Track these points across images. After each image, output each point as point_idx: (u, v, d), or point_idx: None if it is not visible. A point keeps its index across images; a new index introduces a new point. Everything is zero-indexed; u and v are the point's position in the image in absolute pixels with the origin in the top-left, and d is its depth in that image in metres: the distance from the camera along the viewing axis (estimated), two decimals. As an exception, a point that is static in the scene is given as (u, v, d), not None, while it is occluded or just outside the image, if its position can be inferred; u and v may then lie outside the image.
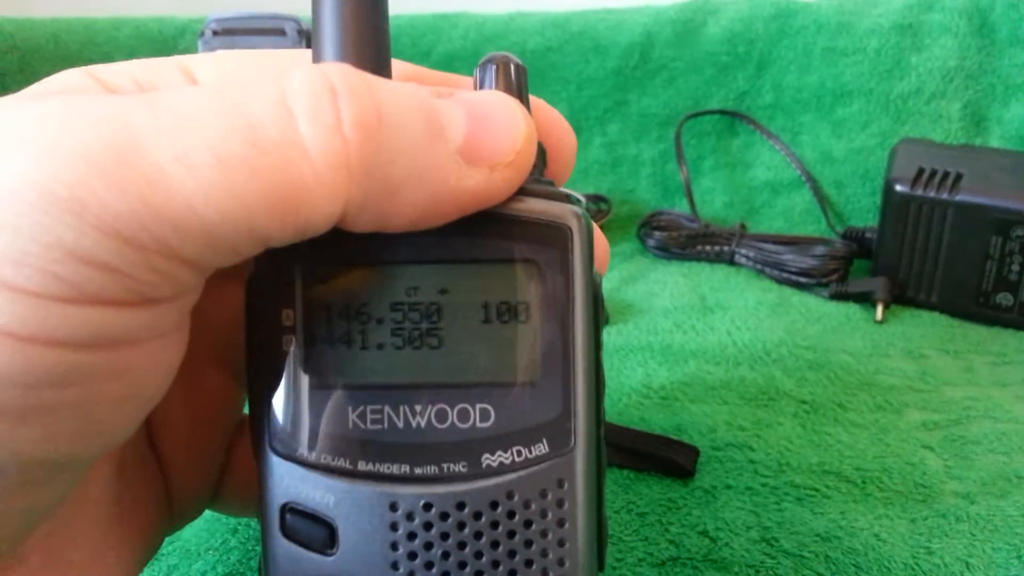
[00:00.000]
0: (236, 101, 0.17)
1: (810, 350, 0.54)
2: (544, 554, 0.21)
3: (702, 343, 0.55)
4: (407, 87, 0.19)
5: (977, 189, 0.57)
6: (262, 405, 0.21)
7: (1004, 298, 0.57)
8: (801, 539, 0.37)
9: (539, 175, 0.23)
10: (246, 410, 0.24)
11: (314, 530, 0.21)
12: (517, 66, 0.23)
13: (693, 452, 0.42)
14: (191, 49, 0.77)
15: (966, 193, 0.57)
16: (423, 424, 0.21)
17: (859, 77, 0.72)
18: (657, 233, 0.68)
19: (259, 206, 0.17)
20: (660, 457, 0.41)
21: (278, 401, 0.21)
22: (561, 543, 0.21)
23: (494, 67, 0.23)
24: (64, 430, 0.18)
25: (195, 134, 0.17)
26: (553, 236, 0.21)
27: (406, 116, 0.18)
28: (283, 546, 0.21)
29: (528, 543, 0.21)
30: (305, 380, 0.21)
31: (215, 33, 0.74)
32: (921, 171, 0.58)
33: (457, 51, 0.78)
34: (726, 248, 0.66)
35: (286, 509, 0.21)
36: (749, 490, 0.40)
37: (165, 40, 0.80)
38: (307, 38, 0.73)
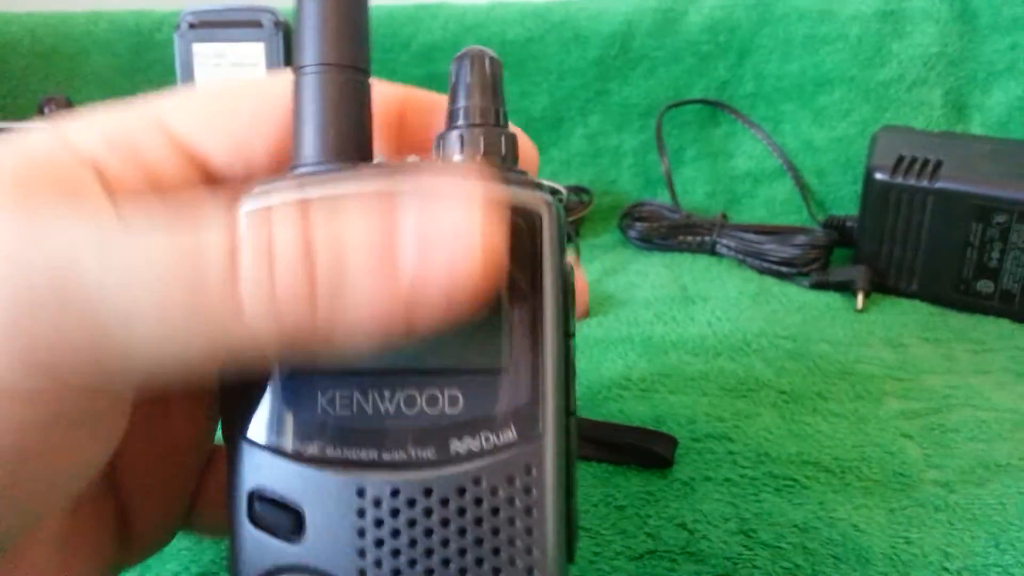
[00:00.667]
0: (187, 251, 0.17)
1: (790, 340, 0.53)
2: (511, 542, 0.21)
3: (682, 334, 0.55)
4: (359, 215, 0.18)
5: (957, 176, 0.56)
6: (232, 392, 0.21)
7: (985, 285, 0.57)
8: (779, 530, 0.37)
9: (511, 164, 0.23)
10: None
11: (281, 517, 0.21)
12: (492, 59, 0.24)
13: (671, 442, 0.41)
14: (168, 42, 0.76)
15: (946, 180, 0.56)
16: (391, 410, 0.21)
17: (840, 65, 0.72)
18: (639, 224, 0.68)
19: (197, 353, 0.17)
20: (638, 448, 0.41)
21: (247, 388, 0.21)
22: (528, 531, 0.21)
23: (469, 61, 0.23)
24: None
25: (142, 291, 0.17)
26: (523, 222, 0.21)
27: (354, 267, 0.18)
28: (250, 533, 0.21)
29: (495, 531, 0.21)
30: (275, 367, 0.21)
31: (191, 26, 0.73)
32: (901, 158, 0.58)
33: (437, 42, 0.78)
34: (707, 238, 0.66)
35: (254, 496, 0.21)
36: (728, 481, 0.40)
37: (142, 34, 0.79)
38: (284, 30, 0.72)
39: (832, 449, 0.43)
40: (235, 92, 0.25)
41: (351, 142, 0.22)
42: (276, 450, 0.21)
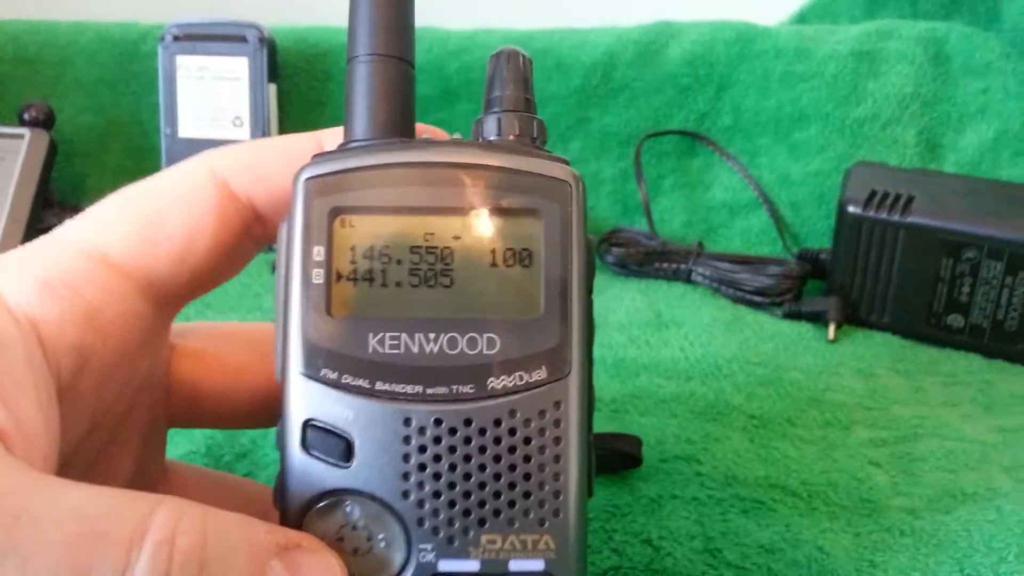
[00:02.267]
0: (79, 563, 0.18)
1: (761, 366, 0.54)
2: (541, 468, 0.23)
3: (655, 357, 0.55)
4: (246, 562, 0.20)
5: (928, 211, 0.57)
6: (290, 330, 0.24)
7: (955, 320, 0.58)
8: (745, 550, 0.37)
9: (541, 145, 0.26)
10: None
11: (332, 444, 0.23)
12: (524, 57, 0.27)
13: (636, 440, 0.41)
14: (152, 54, 0.76)
15: (917, 215, 0.57)
16: (435, 351, 0.23)
17: (816, 102, 0.73)
18: (616, 249, 0.68)
19: None
20: (605, 450, 0.40)
21: (305, 327, 0.23)
22: (557, 459, 0.24)
23: (505, 57, 0.27)
24: None
25: None
26: (555, 190, 0.24)
27: None
28: (302, 459, 0.23)
29: (527, 458, 0.23)
30: (331, 309, 0.24)
31: (176, 38, 0.74)
32: (874, 193, 0.59)
33: (422, 64, 0.77)
34: (683, 266, 0.67)
35: (307, 424, 0.23)
36: (695, 500, 0.40)
37: (127, 45, 0.79)
38: (268, 46, 0.73)
39: (800, 474, 0.43)
40: (160, 202, 0.26)
41: (398, 122, 0.26)
42: (330, 383, 0.23)
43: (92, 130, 0.79)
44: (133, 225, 0.25)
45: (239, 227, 0.26)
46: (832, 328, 0.59)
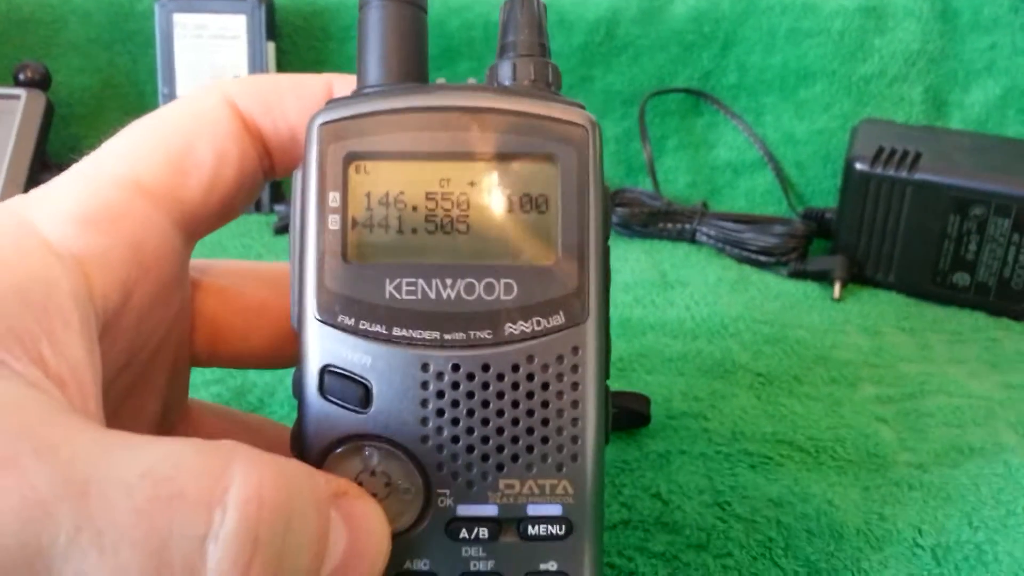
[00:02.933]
0: (157, 530, 0.17)
1: (767, 325, 0.53)
2: (559, 414, 0.23)
3: (661, 317, 0.54)
4: (313, 522, 0.19)
5: (936, 168, 0.57)
6: (306, 276, 0.23)
7: (961, 278, 0.58)
8: (754, 504, 0.37)
9: (556, 90, 0.26)
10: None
11: (350, 389, 0.23)
12: (539, 2, 0.27)
13: (644, 399, 0.41)
14: (148, 13, 0.75)
15: (925, 172, 0.57)
16: (452, 296, 0.23)
17: (822, 58, 0.72)
18: (620, 210, 0.68)
19: None
20: (614, 408, 0.41)
21: (322, 273, 0.23)
22: (575, 404, 0.23)
23: (519, 2, 0.26)
24: None
25: (107, 559, 0.16)
26: (571, 135, 0.24)
27: (301, 557, 0.19)
28: (320, 405, 0.23)
29: (545, 403, 0.23)
30: (347, 255, 0.23)
31: (172, -3, 0.72)
32: (881, 150, 0.58)
33: (421, 23, 0.77)
34: (688, 226, 0.66)
35: (325, 370, 0.23)
36: (703, 456, 0.40)
37: (122, 3, 0.77)
38: (266, 3, 0.72)
39: (807, 430, 0.43)
40: (185, 131, 0.25)
41: (411, 67, 0.25)
42: (347, 329, 0.23)
43: (88, 91, 0.77)
44: (163, 156, 0.24)
45: (255, 156, 0.26)
46: (838, 287, 0.59)
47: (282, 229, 0.68)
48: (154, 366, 0.27)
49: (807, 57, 0.72)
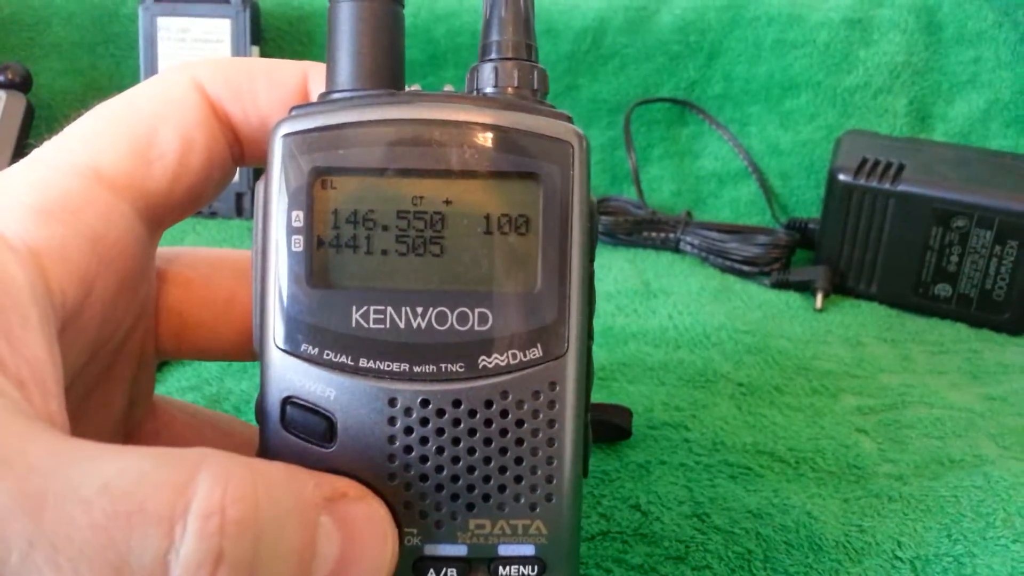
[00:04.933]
0: (116, 546, 0.16)
1: (749, 335, 0.53)
2: (534, 452, 0.22)
3: (643, 326, 0.54)
4: (292, 517, 0.18)
5: (919, 180, 0.57)
6: (267, 302, 0.22)
7: (943, 289, 0.58)
8: (733, 515, 0.37)
9: (542, 97, 0.24)
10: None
11: (313, 422, 0.22)
12: None
13: (627, 412, 0.41)
14: (132, 16, 0.74)
15: (908, 184, 0.57)
16: (423, 326, 0.22)
17: (808, 70, 0.73)
18: (604, 218, 0.68)
19: None
20: (595, 422, 0.40)
21: (284, 298, 0.22)
22: (551, 442, 0.22)
23: None
24: None
25: (68, 568, 0.16)
26: (555, 152, 0.22)
27: (279, 567, 0.18)
28: (282, 438, 0.22)
29: (519, 441, 0.22)
30: (311, 280, 0.22)
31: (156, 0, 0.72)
32: (864, 161, 0.59)
33: (408, 28, 0.77)
34: (672, 235, 0.66)
35: (287, 402, 0.22)
36: (683, 466, 0.40)
37: (105, 6, 0.77)
38: (251, 7, 0.71)
39: (787, 440, 0.43)
40: (149, 118, 0.24)
41: (385, 69, 0.23)
42: (311, 359, 0.22)
43: (70, 94, 0.77)
44: (126, 143, 0.23)
45: (224, 143, 0.25)
46: (820, 297, 0.59)
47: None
48: (119, 360, 0.26)
49: (792, 68, 0.73)
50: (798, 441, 0.43)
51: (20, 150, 0.68)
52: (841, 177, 0.59)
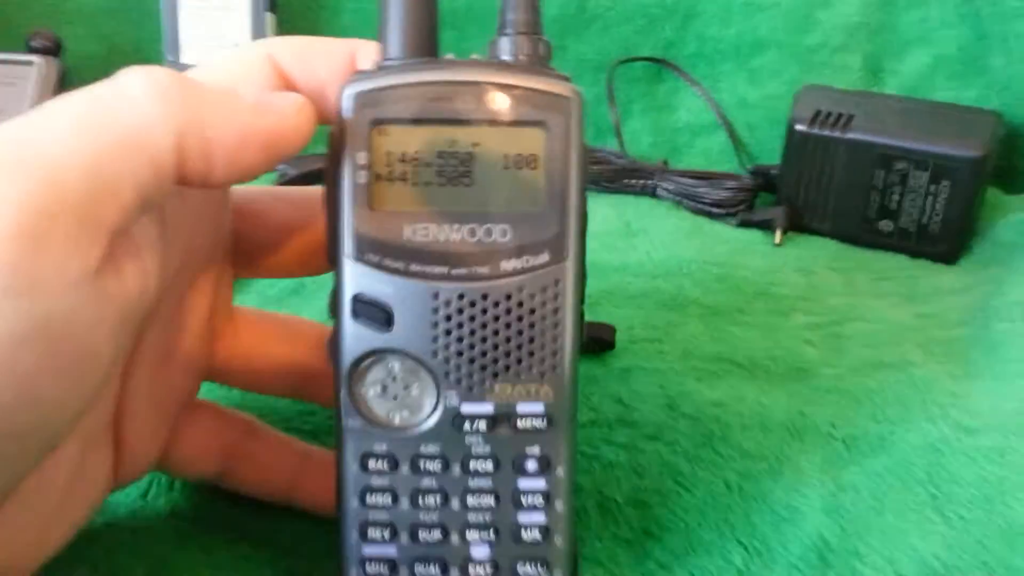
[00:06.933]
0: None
1: (717, 266, 0.60)
2: (543, 333, 0.29)
3: (625, 260, 0.61)
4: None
5: (866, 128, 0.64)
6: (339, 222, 0.28)
7: (886, 225, 0.65)
8: (698, 406, 0.44)
9: (546, 63, 0.30)
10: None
11: (376, 313, 0.28)
12: None
13: (611, 329, 0.48)
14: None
15: (856, 132, 0.64)
16: (458, 239, 0.28)
17: (773, 31, 0.78)
18: (590, 168, 0.74)
19: (110, 152, 0.23)
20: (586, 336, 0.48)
21: (353, 219, 0.28)
22: (555, 326, 0.29)
23: None
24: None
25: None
26: (557, 105, 0.28)
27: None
28: (352, 325, 0.29)
29: (532, 325, 0.29)
30: (373, 204, 0.28)
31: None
32: (819, 112, 0.65)
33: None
34: (650, 182, 0.72)
35: (356, 298, 0.28)
36: (658, 371, 0.47)
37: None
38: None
39: (745, 351, 0.50)
40: (235, 74, 0.30)
41: (425, 42, 0.29)
42: (373, 264, 0.28)
43: (95, 59, 0.80)
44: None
45: None
46: (779, 234, 0.66)
47: (284, 184, 0.74)
48: (205, 271, 0.33)
49: (759, 29, 0.79)
50: (754, 351, 0.50)
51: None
52: (798, 127, 0.66)
